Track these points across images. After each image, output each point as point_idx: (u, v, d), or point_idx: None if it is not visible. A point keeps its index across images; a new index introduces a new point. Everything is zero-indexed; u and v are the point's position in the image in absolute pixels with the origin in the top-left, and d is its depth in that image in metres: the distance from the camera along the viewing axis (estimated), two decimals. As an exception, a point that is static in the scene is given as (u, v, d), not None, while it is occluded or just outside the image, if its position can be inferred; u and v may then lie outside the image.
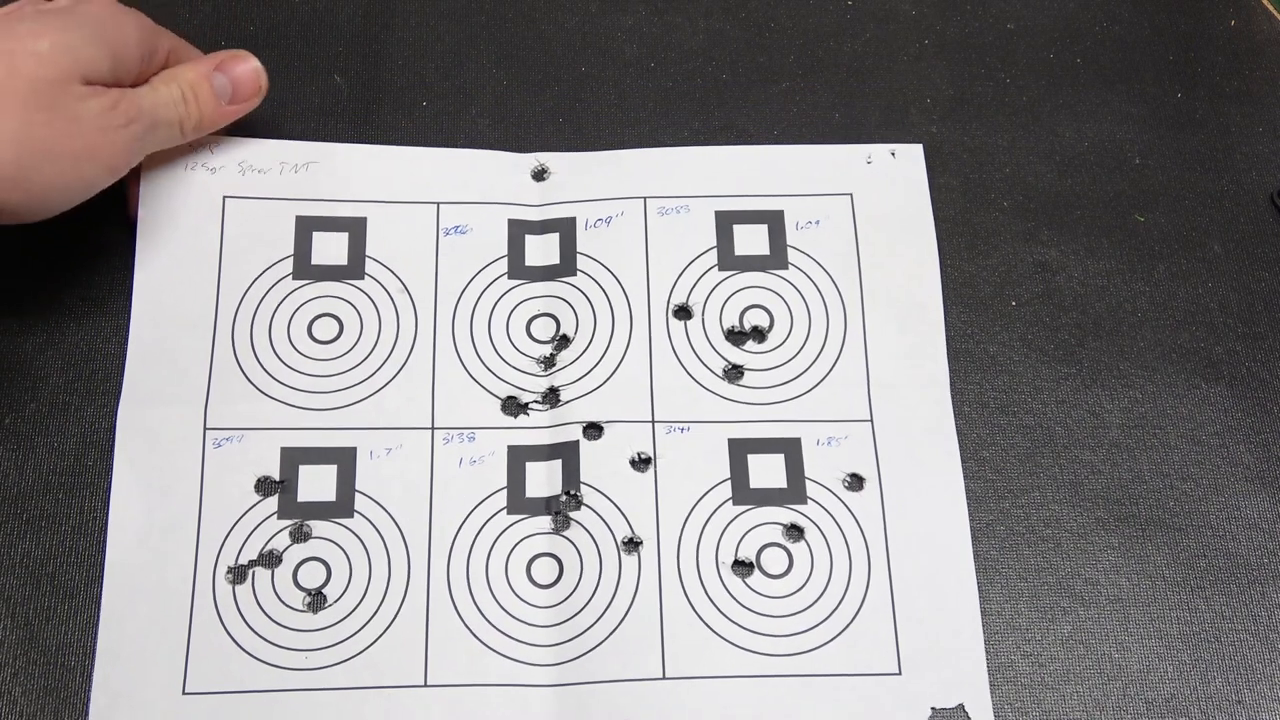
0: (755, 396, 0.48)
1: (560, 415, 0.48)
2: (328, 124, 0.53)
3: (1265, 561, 0.47)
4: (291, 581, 0.45)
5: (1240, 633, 0.46)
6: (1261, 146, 0.54)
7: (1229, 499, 0.48)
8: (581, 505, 0.46)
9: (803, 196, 0.51)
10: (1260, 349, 0.50)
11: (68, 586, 0.45)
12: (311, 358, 0.48)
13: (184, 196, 0.49)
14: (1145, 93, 0.55)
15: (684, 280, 0.50)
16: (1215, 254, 0.52)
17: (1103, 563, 0.47)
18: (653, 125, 0.53)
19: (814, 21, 0.56)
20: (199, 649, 0.44)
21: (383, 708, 0.43)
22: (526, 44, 0.55)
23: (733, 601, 0.45)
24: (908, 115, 0.54)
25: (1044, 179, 0.53)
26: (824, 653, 0.45)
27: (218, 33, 0.54)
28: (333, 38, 0.55)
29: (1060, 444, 0.48)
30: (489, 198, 0.51)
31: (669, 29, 0.56)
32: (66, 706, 0.43)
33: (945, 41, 0.56)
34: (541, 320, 0.49)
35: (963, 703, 0.44)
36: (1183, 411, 0.49)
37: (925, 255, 0.51)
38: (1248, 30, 0.57)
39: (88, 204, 0.51)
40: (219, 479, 0.46)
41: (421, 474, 0.47)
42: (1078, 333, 0.50)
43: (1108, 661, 0.45)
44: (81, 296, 0.49)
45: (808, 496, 0.47)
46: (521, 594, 0.45)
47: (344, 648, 0.44)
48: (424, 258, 0.50)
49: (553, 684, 0.44)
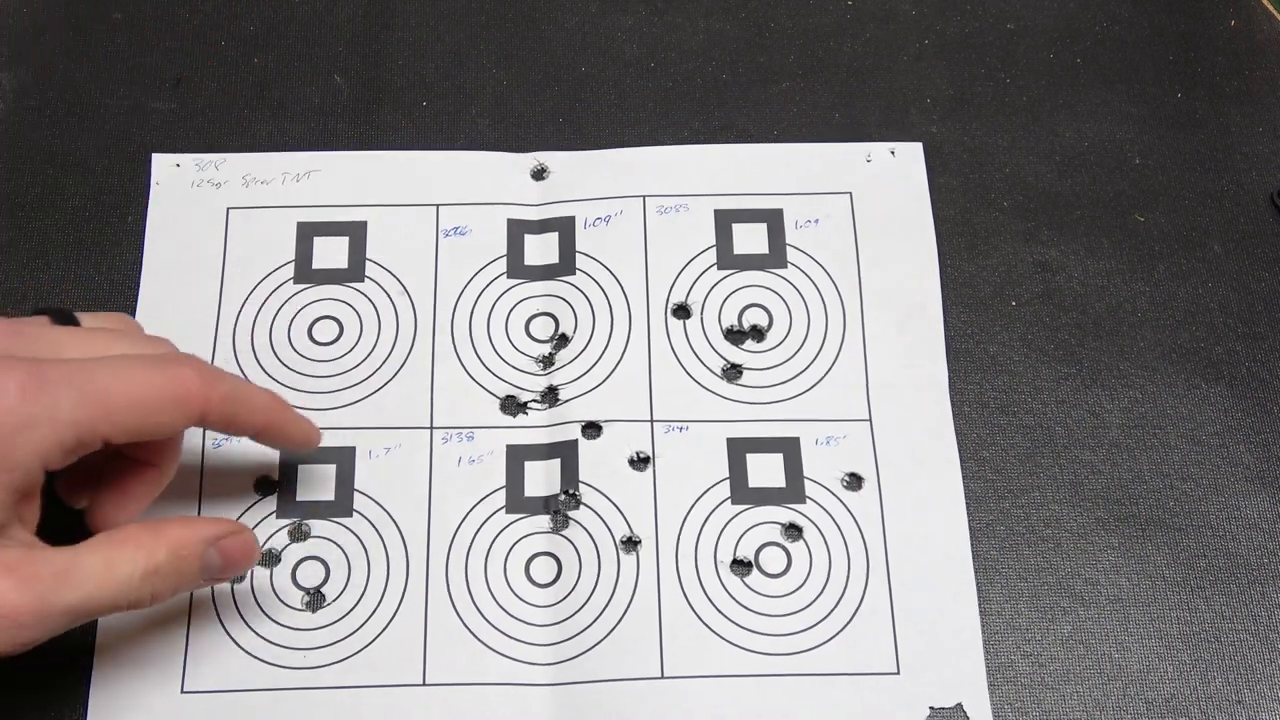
0: (754, 396, 0.48)
1: (559, 414, 0.48)
2: (328, 124, 0.53)
3: (1265, 561, 0.47)
4: (290, 580, 0.45)
5: (1240, 633, 0.46)
6: (1261, 146, 0.54)
7: (1229, 499, 0.48)
8: (580, 504, 0.46)
9: (802, 195, 0.51)
10: (1260, 349, 0.50)
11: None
12: (311, 359, 0.48)
13: (189, 210, 0.50)
14: (1145, 93, 0.55)
15: (683, 279, 0.50)
16: (1215, 254, 0.52)
17: (1103, 563, 0.47)
18: (653, 125, 0.53)
19: (814, 21, 0.56)
20: (198, 648, 0.44)
21: (381, 706, 0.43)
22: (526, 44, 0.55)
23: (731, 601, 0.45)
24: (908, 115, 0.54)
25: (1044, 179, 0.53)
26: (822, 652, 0.45)
27: (218, 33, 0.54)
28: (333, 38, 0.55)
29: (1060, 444, 0.48)
30: (488, 198, 0.51)
31: (669, 29, 0.56)
32: (66, 706, 0.43)
33: (945, 41, 0.56)
34: (540, 319, 0.49)
35: (961, 702, 0.44)
36: (1183, 411, 0.49)
37: (925, 254, 0.51)
38: (1248, 30, 0.57)
39: (89, 207, 0.51)
40: (218, 478, 0.46)
41: (420, 473, 0.47)
42: (1078, 333, 0.50)
43: (1108, 661, 0.45)
44: (81, 296, 0.49)
45: (806, 496, 0.47)
46: (520, 593, 0.45)
47: (343, 646, 0.44)
48: (424, 259, 0.50)
49: (551, 683, 0.44)
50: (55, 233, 0.50)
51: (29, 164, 0.52)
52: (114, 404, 0.36)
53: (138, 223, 0.51)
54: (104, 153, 0.52)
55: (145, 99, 0.53)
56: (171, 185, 0.51)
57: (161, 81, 0.53)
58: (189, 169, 0.51)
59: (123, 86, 0.53)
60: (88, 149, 0.52)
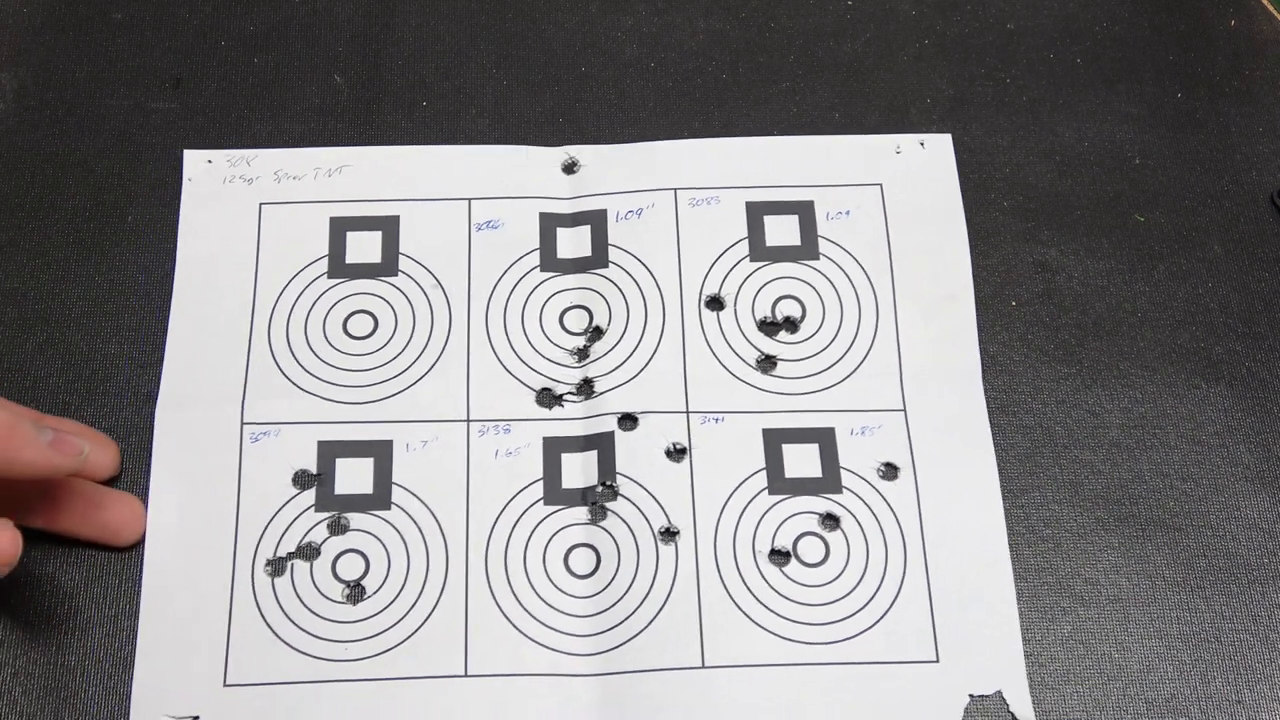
0: (788, 387, 0.49)
1: (595, 406, 0.48)
2: (328, 124, 0.53)
3: (1265, 561, 0.47)
4: (330, 573, 0.45)
5: (1240, 633, 0.46)
6: (1261, 146, 0.54)
7: (1229, 499, 0.48)
8: (618, 495, 0.47)
9: (832, 187, 0.52)
10: (1260, 349, 0.50)
11: (66, 587, 0.45)
12: (347, 353, 0.49)
13: (222, 206, 0.51)
14: (1145, 93, 0.55)
15: (716, 271, 0.50)
16: (1215, 254, 0.52)
17: (1103, 563, 0.47)
18: (653, 125, 0.53)
19: (814, 21, 0.56)
20: (239, 641, 0.44)
21: (423, 698, 0.44)
22: (526, 44, 0.55)
23: (770, 590, 0.45)
24: (908, 115, 0.54)
25: (1044, 179, 0.53)
26: (862, 641, 0.45)
27: (218, 33, 0.55)
28: (333, 38, 0.55)
29: (1060, 444, 0.48)
30: (520, 192, 0.51)
31: (669, 29, 0.56)
32: (66, 706, 0.43)
33: (945, 41, 0.56)
34: (574, 312, 0.50)
35: (1000, 690, 0.44)
36: (1183, 411, 0.49)
37: (956, 245, 0.51)
38: (1248, 30, 0.57)
39: (89, 207, 0.51)
40: (256, 473, 0.46)
41: (458, 466, 0.47)
42: (1078, 333, 0.50)
43: (1108, 661, 0.45)
44: (81, 296, 0.49)
45: (843, 486, 0.47)
46: (560, 584, 0.46)
47: (384, 639, 0.45)
48: (457, 253, 0.50)
49: (593, 673, 0.44)
50: (55, 233, 0.50)
51: (29, 164, 0.52)
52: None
53: (138, 223, 0.51)
54: (104, 153, 0.52)
55: (145, 99, 0.53)
56: (204, 181, 0.51)
57: (161, 81, 0.53)
58: (221, 165, 0.51)
59: (123, 86, 0.53)
60: (88, 149, 0.52)
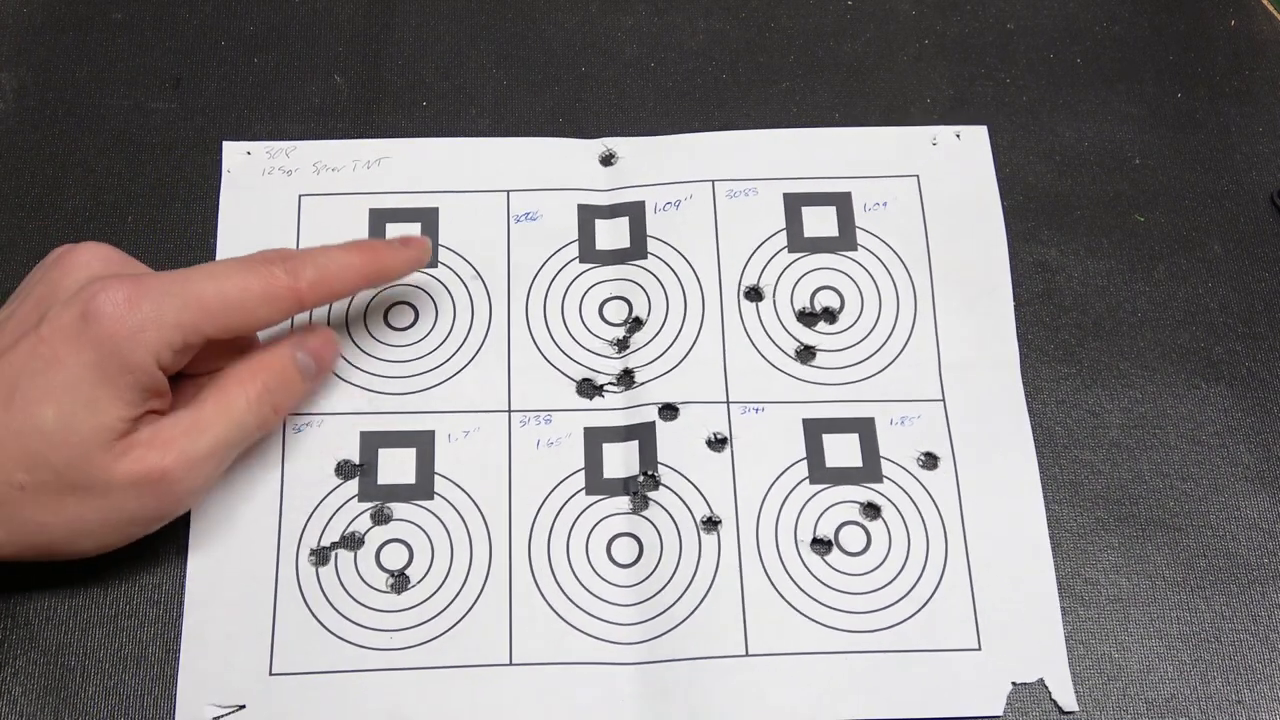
0: (828, 377, 0.49)
1: (635, 397, 0.48)
2: (328, 124, 0.53)
3: (1265, 561, 0.47)
4: (374, 563, 0.46)
5: (1240, 633, 0.46)
6: (1261, 146, 0.54)
7: (1229, 499, 0.48)
8: (659, 485, 0.47)
9: (869, 179, 0.52)
10: (1260, 349, 0.50)
11: (66, 586, 0.45)
12: (388, 344, 0.49)
13: (261, 198, 0.51)
14: (1145, 93, 0.55)
15: (754, 262, 0.51)
16: (1215, 254, 0.52)
17: (1103, 563, 0.47)
18: (653, 125, 0.53)
19: (814, 21, 0.56)
20: (284, 630, 0.44)
21: (468, 687, 0.44)
22: (526, 44, 0.55)
23: (813, 579, 0.46)
24: (908, 115, 0.54)
25: (1044, 179, 0.53)
26: (904, 629, 0.45)
27: (218, 33, 0.54)
28: (333, 38, 0.55)
29: (1060, 444, 0.48)
30: (558, 184, 0.52)
31: (669, 29, 0.56)
32: (66, 706, 0.43)
33: (945, 41, 0.56)
34: (614, 303, 0.50)
35: (1043, 677, 0.44)
36: (1183, 411, 0.49)
37: (993, 236, 0.51)
38: (1248, 30, 0.57)
39: (89, 207, 0.51)
40: (300, 463, 0.47)
41: (499, 456, 0.47)
42: (1078, 333, 0.50)
43: (1108, 661, 0.45)
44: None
45: (883, 475, 0.47)
46: (603, 573, 0.46)
47: (428, 628, 0.45)
48: (496, 244, 0.51)
49: (637, 662, 0.44)
50: (55, 233, 0.50)
51: (29, 164, 0.52)
52: (211, 306, 0.40)
53: (137, 223, 0.51)
54: (104, 153, 0.52)
55: (145, 99, 0.53)
56: (242, 173, 0.51)
57: (161, 81, 0.53)
58: (260, 157, 0.52)
59: (123, 86, 0.53)
60: (88, 149, 0.52)
